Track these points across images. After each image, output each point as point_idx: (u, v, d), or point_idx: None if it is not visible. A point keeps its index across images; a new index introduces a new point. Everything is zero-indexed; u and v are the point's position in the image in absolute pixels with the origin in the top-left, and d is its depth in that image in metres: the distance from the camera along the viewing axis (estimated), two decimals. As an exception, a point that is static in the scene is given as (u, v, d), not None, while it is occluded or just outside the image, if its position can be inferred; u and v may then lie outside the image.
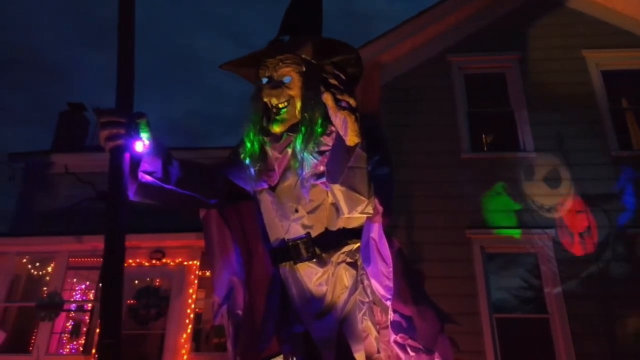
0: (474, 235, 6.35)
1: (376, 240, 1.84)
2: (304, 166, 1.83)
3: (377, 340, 2.03)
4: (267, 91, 1.83)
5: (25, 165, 10.42)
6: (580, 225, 6.25)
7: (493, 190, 6.57)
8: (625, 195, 6.34)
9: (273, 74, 1.82)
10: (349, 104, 1.48)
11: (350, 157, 1.58)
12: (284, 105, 1.84)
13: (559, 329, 5.85)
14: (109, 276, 1.43)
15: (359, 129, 1.54)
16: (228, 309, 2.15)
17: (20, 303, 8.01)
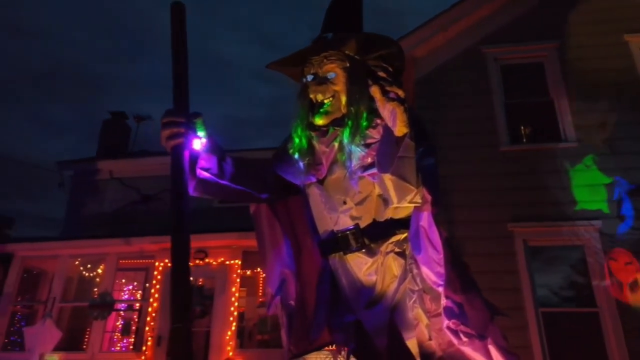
0: (516, 229, 6.24)
1: (426, 229, 1.88)
2: (351, 158, 1.88)
3: (428, 327, 2.07)
4: (312, 87, 1.89)
5: (73, 172, 10.93)
6: (628, 215, 6.04)
7: (534, 182, 6.44)
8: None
9: (318, 71, 1.89)
10: (398, 95, 1.53)
11: (399, 147, 1.62)
12: (329, 100, 1.90)
13: (609, 323, 5.68)
14: (177, 266, 1.53)
15: (408, 119, 1.58)
16: (281, 300, 2.23)
17: (73, 303, 8.40)
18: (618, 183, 6.19)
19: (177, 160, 1.68)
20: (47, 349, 7.27)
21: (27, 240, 8.34)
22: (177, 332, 1.44)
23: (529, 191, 6.40)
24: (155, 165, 10.58)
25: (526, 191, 6.40)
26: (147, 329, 7.22)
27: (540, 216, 6.26)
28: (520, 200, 6.38)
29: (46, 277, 9.00)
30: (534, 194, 6.37)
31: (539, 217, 6.26)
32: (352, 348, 2.16)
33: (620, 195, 6.14)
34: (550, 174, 6.45)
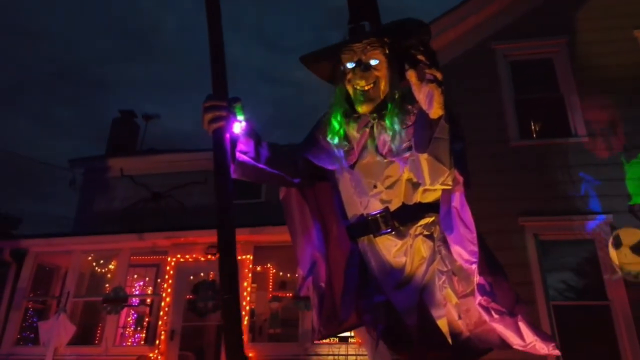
0: (527, 223, 6.28)
1: (458, 209, 1.94)
2: (398, 140, 1.95)
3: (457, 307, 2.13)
4: (357, 74, 1.95)
5: (84, 170, 11.03)
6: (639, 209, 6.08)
7: (545, 177, 6.49)
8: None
9: (361, 57, 1.95)
10: (436, 77, 1.59)
11: (435, 129, 1.69)
12: (370, 86, 1.97)
13: (621, 316, 5.73)
14: (223, 243, 1.60)
15: (444, 102, 1.65)
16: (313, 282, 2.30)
17: (87, 298, 8.49)
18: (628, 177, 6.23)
19: (219, 143, 1.75)
20: (62, 343, 7.36)
21: (40, 236, 8.43)
22: (228, 303, 1.51)
23: (540, 186, 6.44)
24: (166, 162, 10.70)
25: (536, 186, 6.45)
26: (160, 323, 7.29)
27: (550, 211, 6.31)
28: (531, 195, 6.42)
29: (59, 273, 9.11)
30: (545, 189, 6.42)
31: (549, 211, 6.31)
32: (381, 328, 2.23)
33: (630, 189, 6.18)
34: (561, 168, 6.49)
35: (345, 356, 6.59)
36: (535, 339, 2.03)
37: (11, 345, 7.68)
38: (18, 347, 7.77)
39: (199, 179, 10.08)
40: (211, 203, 8.17)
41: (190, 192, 10.04)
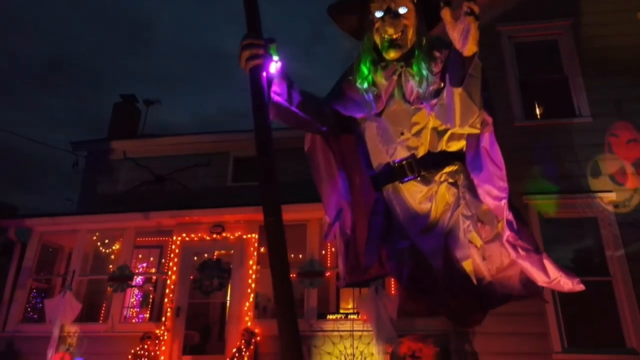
0: (531, 201, 6.36)
1: (487, 149, 2.00)
2: (422, 84, 2.00)
3: (482, 250, 2.19)
4: (387, 22, 1.99)
5: (87, 153, 11.02)
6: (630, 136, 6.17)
7: (549, 157, 6.56)
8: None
9: (391, 5, 1.98)
10: (473, 10, 1.63)
11: (468, 67, 1.73)
12: (399, 35, 2.01)
13: (623, 292, 5.83)
14: (265, 175, 1.65)
15: (478, 37, 1.69)
16: (339, 228, 2.36)
17: (93, 276, 8.53)
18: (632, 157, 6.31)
19: (256, 81, 1.79)
20: (68, 320, 7.41)
21: (45, 215, 8.44)
22: (271, 225, 1.56)
23: (544, 165, 6.52)
24: (169, 145, 10.70)
25: (541, 165, 6.53)
26: (166, 300, 7.35)
27: (554, 189, 6.38)
28: (535, 174, 6.50)
29: (62, 253, 9.14)
30: (549, 168, 6.49)
31: (553, 190, 6.38)
32: (406, 274, 2.29)
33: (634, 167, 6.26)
34: (565, 148, 6.57)
35: (349, 332, 6.67)
36: (560, 274, 2.10)
37: (17, 323, 7.72)
38: (24, 325, 7.82)
39: (203, 162, 10.11)
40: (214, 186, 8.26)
41: (193, 174, 10.06)
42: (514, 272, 2.28)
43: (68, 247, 8.97)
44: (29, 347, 7.40)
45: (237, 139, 10.32)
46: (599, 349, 5.68)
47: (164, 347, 6.95)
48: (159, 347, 6.90)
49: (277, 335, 5.90)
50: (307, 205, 7.34)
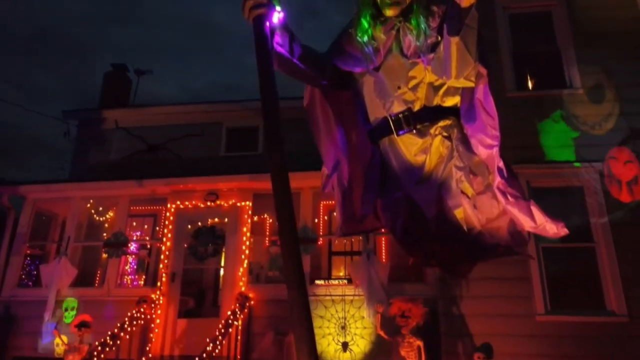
0: (520, 170, 6.46)
1: (481, 100, 2.09)
2: (420, 38, 2.07)
3: (473, 199, 2.31)
4: None
5: (78, 122, 10.95)
6: (627, 158, 6.33)
7: (539, 127, 6.68)
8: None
9: None
10: None
11: (466, 17, 1.80)
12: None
13: (605, 257, 6.05)
14: (271, 137, 1.72)
15: None
16: (337, 179, 2.46)
17: (88, 242, 8.61)
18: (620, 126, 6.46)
19: (259, 30, 1.84)
20: (64, 285, 7.52)
21: (38, 182, 8.45)
22: (282, 206, 1.62)
23: (534, 135, 6.64)
24: (162, 115, 10.67)
25: (531, 135, 6.64)
26: (161, 266, 7.48)
27: (543, 159, 6.53)
28: (525, 144, 6.61)
29: (56, 221, 9.18)
30: (538, 138, 6.62)
31: (542, 159, 6.53)
32: (400, 223, 2.41)
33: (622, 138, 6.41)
34: (554, 118, 6.68)
35: (341, 297, 6.87)
36: (546, 219, 2.23)
37: (13, 287, 7.82)
38: (20, 290, 7.92)
39: (196, 132, 10.11)
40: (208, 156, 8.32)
41: (187, 144, 10.07)
42: (503, 222, 2.40)
43: (62, 216, 9.01)
44: (26, 311, 7.52)
45: (231, 109, 10.33)
46: (580, 311, 5.92)
47: (159, 310, 7.11)
48: (155, 310, 7.05)
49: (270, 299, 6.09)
50: (301, 174, 7.43)
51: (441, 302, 6.24)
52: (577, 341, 5.75)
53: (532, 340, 5.85)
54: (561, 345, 5.76)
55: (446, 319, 6.14)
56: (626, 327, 5.71)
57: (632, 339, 5.61)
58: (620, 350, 5.61)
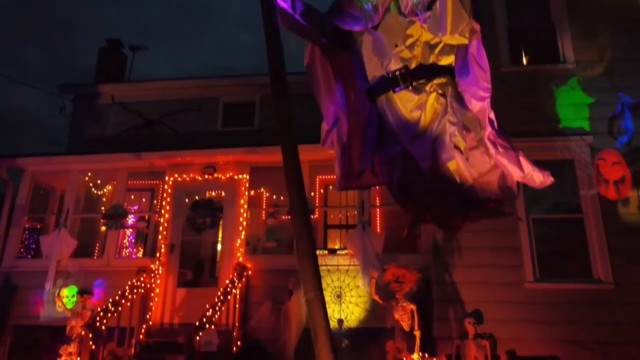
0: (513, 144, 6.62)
1: (475, 54, 2.21)
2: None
3: (466, 153, 2.44)
4: None
5: (74, 96, 10.91)
6: (618, 132, 6.48)
7: (532, 101, 6.80)
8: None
9: None
10: None
11: None
12: None
13: (593, 228, 6.24)
14: (276, 102, 1.82)
15: None
16: (337, 135, 2.59)
17: (87, 215, 8.69)
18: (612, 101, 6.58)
19: None
20: (64, 255, 7.64)
21: (37, 155, 8.48)
22: (292, 181, 1.72)
23: (527, 109, 6.75)
24: (158, 90, 10.66)
25: (524, 109, 6.75)
26: (160, 238, 7.60)
27: (535, 132, 6.65)
28: (518, 118, 6.71)
29: (55, 195, 9.25)
30: (532, 112, 6.74)
31: (534, 132, 6.64)
32: (397, 176, 2.55)
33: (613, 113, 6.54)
34: (548, 93, 6.80)
35: (336, 267, 7.03)
36: (533, 169, 2.38)
37: (13, 258, 7.92)
38: (20, 261, 8.04)
39: (192, 106, 10.14)
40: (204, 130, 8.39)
41: (183, 119, 10.10)
42: (494, 177, 2.55)
43: (60, 189, 9.08)
44: (26, 281, 7.64)
45: (227, 84, 10.34)
46: (567, 279, 6.14)
47: (159, 280, 7.26)
48: (155, 280, 7.20)
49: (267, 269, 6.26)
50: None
51: (434, 270, 6.43)
52: (564, 307, 5.97)
53: (521, 307, 6.06)
54: (549, 311, 5.97)
55: (438, 286, 6.34)
56: (612, 294, 5.93)
57: (617, 305, 5.83)
58: (606, 315, 5.84)
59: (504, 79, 6.95)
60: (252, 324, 6.88)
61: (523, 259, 6.25)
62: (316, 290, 1.62)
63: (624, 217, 6.18)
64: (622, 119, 6.38)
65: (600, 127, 6.57)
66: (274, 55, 1.77)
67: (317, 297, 1.56)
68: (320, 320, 1.53)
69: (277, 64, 1.77)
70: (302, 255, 1.61)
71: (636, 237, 6.04)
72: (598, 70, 6.78)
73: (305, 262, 1.53)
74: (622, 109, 6.32)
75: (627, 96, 6.35)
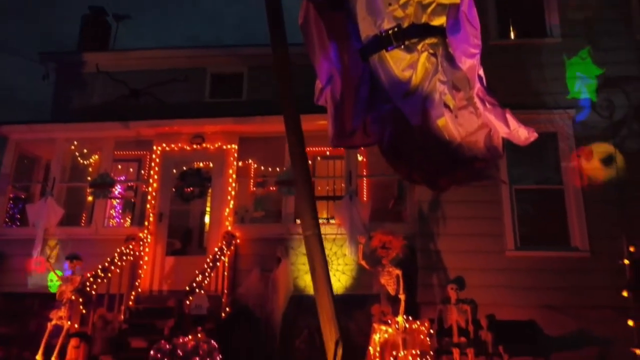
0: (498, 116, 6.75)
1: (466, 12, 2.27)
2: None
3: (455, 111, 2.54)
4: None
5: (57, 64, 10.67)
6: (600, 106, 6.64)
7: (518, 74, 6.90)
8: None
9: None
10: None
11: None
12: None
13: (572, 198, 6.46)
14: (276, 62, 1.87)
15: None
16: (331, 92, 2.65)
17: (74, 183, 8.63)
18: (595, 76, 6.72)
19: None
20: (52, 224, 7.62)
21: (21, 123, 8.36)
22: (294, 145, 1.77)
23: (512, 82, 6.85)
24: (144, 59, 10.49)
25: (509, 82, 6.84)
26: (148, 207, 7.63)
27: (520, 105, 6.67)
28: (503, 90, 6.77)
29: (40, 163, 9.15)
30: (518, 85, 6.84)
31: (519, 105, 6.63)
32: (388, 133, 2.63)
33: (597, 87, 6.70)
34: (534, 66, 6.91)
35: (323, 235, 7.15)
36: (519, 125, 2.49)
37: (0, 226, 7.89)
38: (7, 229, 8.00)
39: (179, 77, 10.02)
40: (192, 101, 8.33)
41: (170, 89, 9.98)
42: (480, 137, 2.65)
43: (45, 158, 8.98)
44: (13, 249, 7.64)
45: (215, 54, 10.22)
46: (546, 247, 6.37)
47: (147, 248, 7.31)
48: (143, 248, 7.26)
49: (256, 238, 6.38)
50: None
51: (419, 239, 6.60)
52: (542, 274, 6.21)
53: (502, 274, 6.29)
54: (528, 278, 6.21)
55: (423, 254, 6.52)
56: (588, 261, 6.18)
57: (593, 272, 6.09)
58: (582, 281, 6.09)
59: (491, 52, 6.97)
60: (241, 291, 7.01)
61: (505, 228, 6.45)
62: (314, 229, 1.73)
63: (602, 188, 6.38)
64: (605, 93, 6.54)
65: (584, 100, 6.72)
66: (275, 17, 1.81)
67: (315, 235, 1.67)
68: (318, 256, 1.66)
69: (275, 4, 1.83)
70: (302, 197, 1.71)
71: (612, 209, 6.26)
72: (584, 45, 6.89)
73: (304, 203, 1.63)
74: (606, 84, 6.47)
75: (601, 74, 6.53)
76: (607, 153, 6.48)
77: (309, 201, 1.69)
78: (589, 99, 6.68)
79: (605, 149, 6.49)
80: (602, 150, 6.40)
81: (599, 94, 6.71)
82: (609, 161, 6.43)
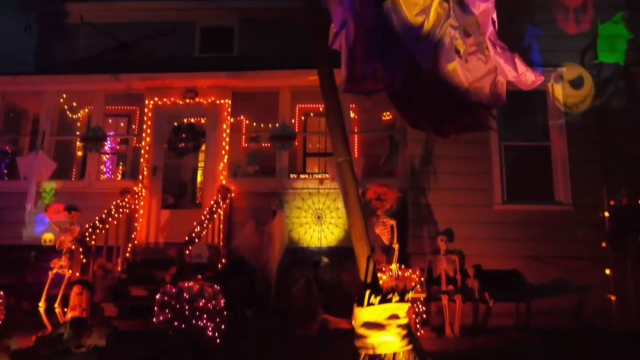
0: (491, 73, 6.87)
1: None
2: None
3: (465, 57, 2.64)
4: None
5: (38, 14, 10.30)
6: (589, 64, 6.80)
7: (507, 32, 6.94)
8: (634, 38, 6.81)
9: None
10: None
11: None
12: None
13: (558, 155, 6.71)
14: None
15: None
16: (345, 37, 2.73)
17: (65, 137, 8.54)
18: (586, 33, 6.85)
19: None
20: (43, 177, 7.60)
21: (6, 74, 8.16)
22: (326, 86, 1.84)
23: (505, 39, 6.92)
24: (130, 11, 10.16)
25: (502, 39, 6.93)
26: (142, 160, 7.64)
27: (513, 63, 6.88)
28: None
29: (27, 117, 9.00)
30: (509, 42, 6.88)
31: (511, 63, 6.88)
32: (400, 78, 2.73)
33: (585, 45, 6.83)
34: (523, 24, 6.99)
35: (317, 190, 7.33)
36: (527, 69, 2.61)
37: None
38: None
39: (168, 30, 9.79)
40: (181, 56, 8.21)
41: (159, 43, 9.76)
42: (487, 82, 2.78)
43: (33, 112, 8.83)
44: (5, 202, 7.62)
45: (204, 7, 9.98)
46: (532, 201, 6.66)
47: (142, 202, 7.39)
48: (139, 201, 7.33)
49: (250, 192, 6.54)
50: (280, 72, 7.57)
51: (410, 193, 6.81)
52: (528, 227, 6.52)
53: (490, 227, 6.57)
54: (514, 230, 6.51)
55: (414, 207, 6.75)
56: (571, 215, 6.50)
57: (575, 225, 6.41)
58: (565, 234, 6.42)
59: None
60: (236, 243, 7.18)
61: (493, 183, 6.69)
62: (346, 155, 1.86)
63: (587, 145, 6.62)
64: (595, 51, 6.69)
65: (572, 58, 6.86)
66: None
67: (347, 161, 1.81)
68: (350, 179, 1.82)
69: None
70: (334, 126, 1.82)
71: (594, 166, 6.53)
72: (574, 3, 6.97)
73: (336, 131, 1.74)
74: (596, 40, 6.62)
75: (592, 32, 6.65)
76: (593, 110, 6.70)
77: (340, 130, 1.82)
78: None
79: (591, 106, 6.71)
80: (587, 108, 6.61)
81: (587, 52, 6.86)
82: (594, 118, 6.66)
